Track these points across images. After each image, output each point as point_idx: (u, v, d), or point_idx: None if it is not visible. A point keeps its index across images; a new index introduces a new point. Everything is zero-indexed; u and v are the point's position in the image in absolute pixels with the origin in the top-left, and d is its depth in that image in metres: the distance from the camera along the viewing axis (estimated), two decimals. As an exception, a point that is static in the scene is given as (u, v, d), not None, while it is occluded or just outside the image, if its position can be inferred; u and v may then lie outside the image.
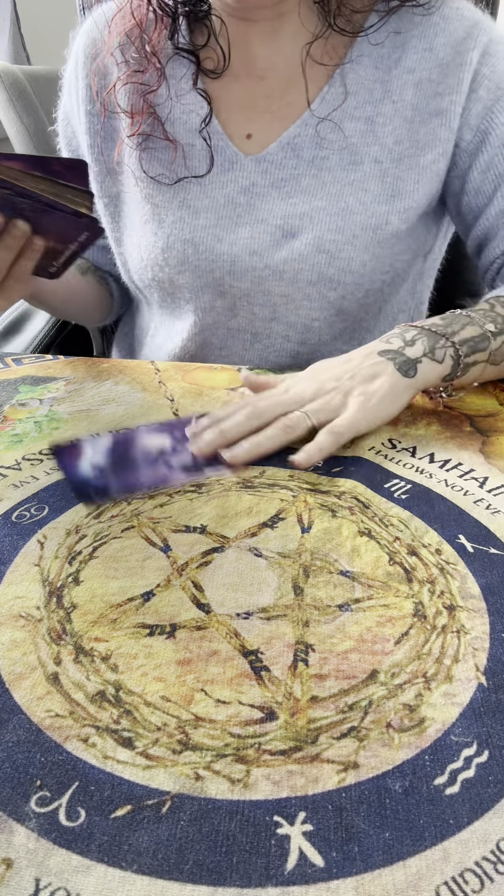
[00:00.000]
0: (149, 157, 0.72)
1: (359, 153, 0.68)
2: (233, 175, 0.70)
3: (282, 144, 0.69)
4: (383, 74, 0.67)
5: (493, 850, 0.28)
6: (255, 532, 0.45)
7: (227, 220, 0.70)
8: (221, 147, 0.70)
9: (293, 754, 0.32)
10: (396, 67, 0.67)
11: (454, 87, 0.66)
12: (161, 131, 0.70)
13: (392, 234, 0.69)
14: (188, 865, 0.27)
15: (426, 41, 0.66)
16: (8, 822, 0.29)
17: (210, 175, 0.70)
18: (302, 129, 0.68)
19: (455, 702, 0.34)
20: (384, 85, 0.67)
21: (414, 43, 0.66)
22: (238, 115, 0.70)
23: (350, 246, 0.68)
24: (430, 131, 0.67)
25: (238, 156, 0.69)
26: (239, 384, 0.65)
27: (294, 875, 0.27)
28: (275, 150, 0.69)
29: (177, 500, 0.49)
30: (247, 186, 0.69)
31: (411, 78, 0.67)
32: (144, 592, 0.41)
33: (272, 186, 0.69)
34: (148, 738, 0.32)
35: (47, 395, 0.63)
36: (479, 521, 0.47)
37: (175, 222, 0.71)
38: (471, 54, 0.65)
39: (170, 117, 0.70)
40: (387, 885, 0.27)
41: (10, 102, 1.11)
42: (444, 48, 0.66)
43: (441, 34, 0.66)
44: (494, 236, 0.71)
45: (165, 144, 0.71)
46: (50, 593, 0.40)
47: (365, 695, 0.34)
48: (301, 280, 0.70)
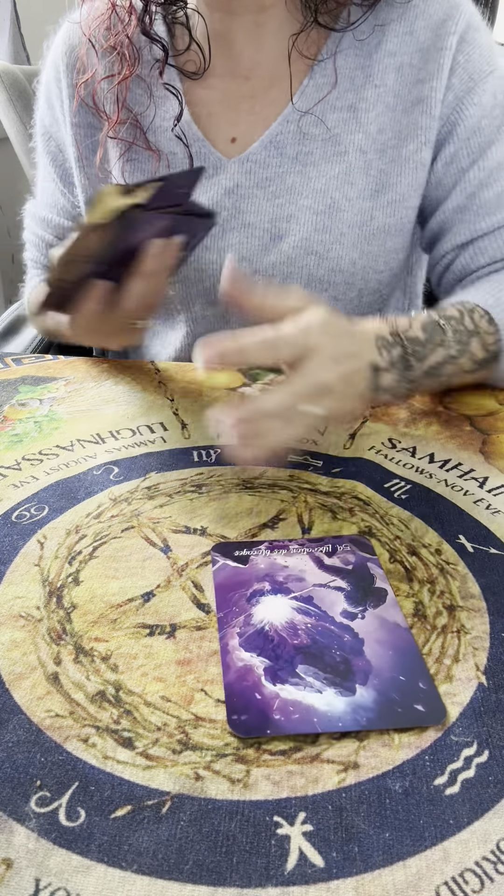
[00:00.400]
0: (132, 168, 0.71)
1: (342, 142, 0.67)
2: (216, 179, 0.69)
3: (264, 143, 0.68)
4: (364, 60, 0.66)
5: (493, 850, 0.28)
6: (256, 533, 0.45)
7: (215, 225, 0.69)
8: (204, 153, 0.69)
9: (293, 754, 0.32)
10: (377, 52, 0.66)
11: (434, 73, 0.65)
12: (143, 140, 0.69)
13: (379, 229, 0.68)
14: (188, 865, 0.27)
15: (406, 24, 0.65)
16: (8, 822, 0.29)
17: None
18: (284, 126, 0.67)
19: (455, 702, 0.34)
20: (365, 70, 0.66)
21: (394, 27, 0.65)
22: (221, 119, 0.69)
23: (338, 245, 0.68)
24: (412, 120, 0.66)
25: (221, 160, 0.68)
26: (239, 383, 0.65)
27: (294, 875, 0.27)
28: (257, 150, 0.68)
29: (177, 501, 0.49)
30: (231, 188, 0.69)
31: (392, 62, 0.65)
32: (144, 592, 0.41)
33: (257, 187, 0.68)
34: (148, 738, 0.32)
35: (47, 395, 0.63)
36: (479, 521, 0.47)
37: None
38: (450, 39, 0.64)
39: (152, 126, 0.70)
40: (387, 885, 0.27)
41: (10, 102, 1.11)
42: (424, 31, 0.65)
43: (421, 17, 0.65)
44: (448, 231, 0.70)
45: (148, 155, 0.70)
46: (50, 593, 0.40)
47: (365, 695, 0.34)
48: (291, 283, 0.69)
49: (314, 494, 0.49)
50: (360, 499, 0.49)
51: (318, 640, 0.37)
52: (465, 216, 0.69)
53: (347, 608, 0.39)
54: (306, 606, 0.39)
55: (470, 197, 0.68)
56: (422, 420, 0.59)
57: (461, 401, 0.62)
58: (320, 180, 0.67)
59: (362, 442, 0.56)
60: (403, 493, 0.49)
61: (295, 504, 0.48)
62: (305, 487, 0.50)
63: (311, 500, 0.49)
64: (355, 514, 0.47)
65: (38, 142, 0.79)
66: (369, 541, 0.44)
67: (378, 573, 0.42)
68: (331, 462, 0.53)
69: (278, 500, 0.49)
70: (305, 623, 0.38)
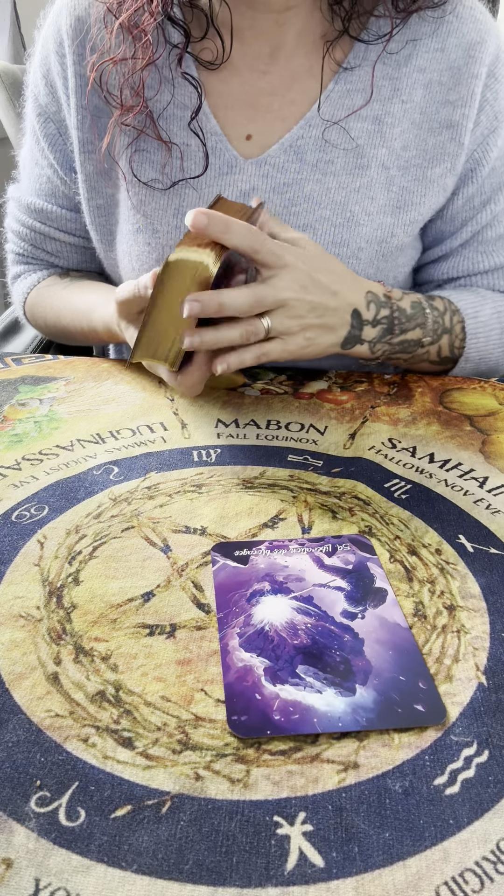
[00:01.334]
0: (140, 159, 0.66)
1: (365, 155, 0.65)
2: (231, 179, 0.66)
3: (284, 147, 0.65)
4: (392, 71, 0.65)
5: (493, 850, 0.28)
6: (256, 533, 0.45)
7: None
8: (219, 149, 0.66)
9: (293, 754, 0.32)
10: (406, 65, 0.65)
11: (466, 100, 0.64)
12: (153, 129, 0.65)
13: (396, 247, 0.68)
14: (188, 865, 0.27)
15: (438, 40, 0.64)
16: (8, 822, 0.29)
17: (207, 179, 0.66)
18: (306, 131, 0.65)
19: (455, 701, 0.34)
20: (393, 83, 0.65)
21: (425, 41, 0.64)
22: (237, 114, 0.67)
23: (355, 259, 0.67)
24: (440, 144, 0.66)
25: (237, 159, 0.66)
26: (240, 383, 0.65)
27: (294, 875, 0.27)
28: (276, 153, 0.65)
29: (177, 501, 0.49)
30: (247, 191, 0.66)
31: (421, 78, 0.65)
32: (144, 592, 0.41)
33: (274, 192, 0.66)
34: (148, 738, 0.32)
35: (47, 395, 0.63)
36: (479, 521, 0.47)
37: (170, 232, 0.67)
38: (481, 68, 0.64)
39: (164, 115, 0.66)
40: (387, 885, 0.27)
41: (10, 102, 1.11)
42: (455, 50, 0.64)
43: (454, 34, 0.64)
44: (445, 261, 0.72)
45: (158, 145, 0.66)
46: (50, 593, 0.40)
47: (365, 695, 0.34)
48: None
49: (314, 494, 0.49)
50: (360, 499, 0.49)
51: (318, 640, 0.37)
52: (465, 251, 0.71)
53: (347, 608, 0.39)
54: (306, 606, 0.39)
55: (474, 234, 0.70)
56: (422, 420, 0.59)
57: (461, 401, 0.62)
58: (340, 192, 0.66)
59: (362, 442, 0.56)
60: (403, 493, 0.49)
61: (295, 504, 0.48)
62: (305, 487, 0.50)
63: (311, 500, 0.49)
64: (355, 513, 0.47)
65: (30, 121, 0.73)
66: (369, 540, 0.44)
67: (378, 573, 0.42)
68: (331, 462, 0.53)
69: (278, 500, 0.49)
70: (305, 623, 0.38)
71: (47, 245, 0.77)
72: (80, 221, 0.74)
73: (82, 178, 0.71)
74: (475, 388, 0.65)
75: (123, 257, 0.72)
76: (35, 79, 0.71)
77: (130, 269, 0.71)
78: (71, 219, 0.74)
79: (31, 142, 0.74)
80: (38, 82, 0.71)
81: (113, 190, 0.70)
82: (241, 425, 0.58)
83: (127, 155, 0.67)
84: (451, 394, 0.64)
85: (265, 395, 0.63)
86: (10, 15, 1.92)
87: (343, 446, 0.55)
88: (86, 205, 0.72)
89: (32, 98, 0.72)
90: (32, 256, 0.79)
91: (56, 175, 0.73)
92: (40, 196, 0.75)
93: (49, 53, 0.69)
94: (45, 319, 0.77)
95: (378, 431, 0.57)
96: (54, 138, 0.71)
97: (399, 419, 0.59)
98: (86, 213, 0.72)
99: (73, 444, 0.55)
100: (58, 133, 0.71)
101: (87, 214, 0.73)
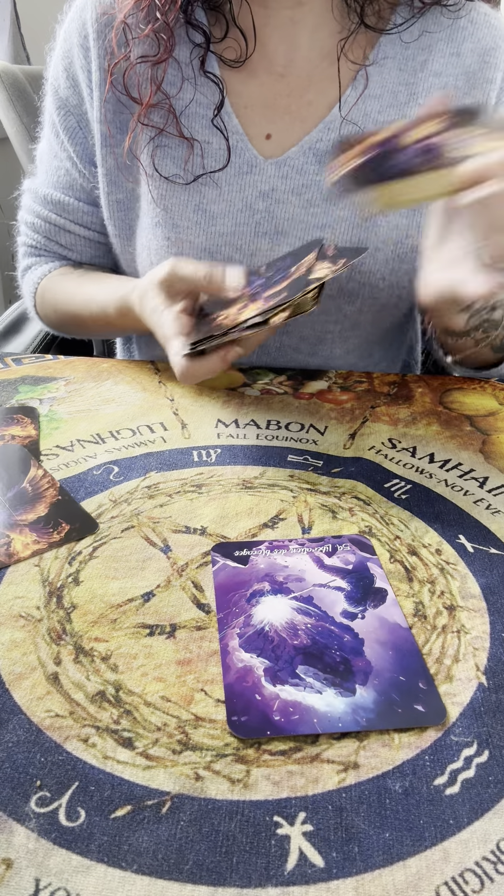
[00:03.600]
0: (162, 154, 0.67)
1: None
2: (251, 179, 0.67)
3: (303, 148, 0.66)
4: (409, 77, 0.65)
5: (493, 850, 0.28)
6: (256, 533, 0.45)
7: (245, 227, 0.68)
8: (240, 148, 0.67)
9: (293, 754, 0.32)
10: (422, 70, 0.65)
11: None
12: (175, 125, 0.66)
13: (411, 248, 0.68)
14: (188, 865, 0.27)
15: (454, 45, 0.65)
16: (8, 822, 0.29)
17: (227, 178, 0.67)
18: (325, 134, 0.66)
19: (455, 702, 0.34)
20: (409, 88, 0.65)
21: (441, 46, 0.65)
22: (257, 114, 0.68)
23: (371, 259, 0.67)
24: None
25: (257, 158, 0.67)
26: (240, 383, 0.65)
27: (294, 875, 0.27)
28: (296, 155, 0.66)
29: (177, 501, 0.49)
30: (266, 192, 0.67)
31: (437, 82, 0.65)
32: (144, 593, 0.41)
33: (293, 193, 0.67)
34: (148, 739, 0.32)
35: (47, 395, 0.63)
36: (479, 521, 0.47)
37: (190, 227, 0.68)
38: (497, 74, 0.64)
39: (186, 112, 0.66)
40: (387, 885, 0.27)
41: (10, 102, 1.11)
42: (471, 55, 0.65)
43: (469, 39, 0.65)
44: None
45: (180, 142, 0.67)
46: (50, 593, 0.40)
47: (365, 695, 0.34)
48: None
49: (314, 494, 0.49)
50: (360, 499, 0.49)
51: (318, 641, 0.37)
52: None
53: (347, 608, 0.39)
54: (306, 606, 0.39)
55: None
56: (422, 420, 0.59)
57: (461, 401, 0.62)
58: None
59: (362, 442, 0.56)
60: (403, 493, 0.49)
61: (295, 504, 0.48)
62: (305, 487, 0.50)
63: (311, 500, 0.49)
64: (355, 514, 0.47)
65: (49, 114, 0.73)
66: (369, 541, 0.44)
67: (378, 573, 0.42)
68: (331, 462, 0.53)
69: (278, 500, 0.49)
70: (305, 623, 0.38)
71: (62, 238, 0.76)
72: (96, 215, 0.74)
73: (103, 172, 0.71)
74: (475, 388, 0.65)
75: (142, 251, 0.72)
76: (56, 72, 0.71)
77: (149, 264, 0.71)
78: (88, 212, 0.74)
79: (51, 134, 0.74)
80: (59, 75, 0.71)
81: (133, 185, 0.70)
82: (241, 425, 0.58)
83: (149, 150, 0.67)
84: (451, 394, 0.64)
85: (265, 395, 0.63)
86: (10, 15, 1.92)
87: (343, 446, 0.55)
88: (105, 199, 0.72)
89: (52, 91, 0.72)
90: (45, 249, 0.78)
91: (75, 168, 0.73)
92: (58, 188, 0.74)
93: (72, 46, 0.69)
94: (56, 306, 0.77)
95: (378, 431, 0.57)
96: (74, 131, 0.71)
97: (399, 419, 0.59)
98: (104, 207, 0.73)
99: (73, 445, 0.55)
100: (78, 126, 0.71)
101: (105, 209, 0.73)
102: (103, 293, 0.69)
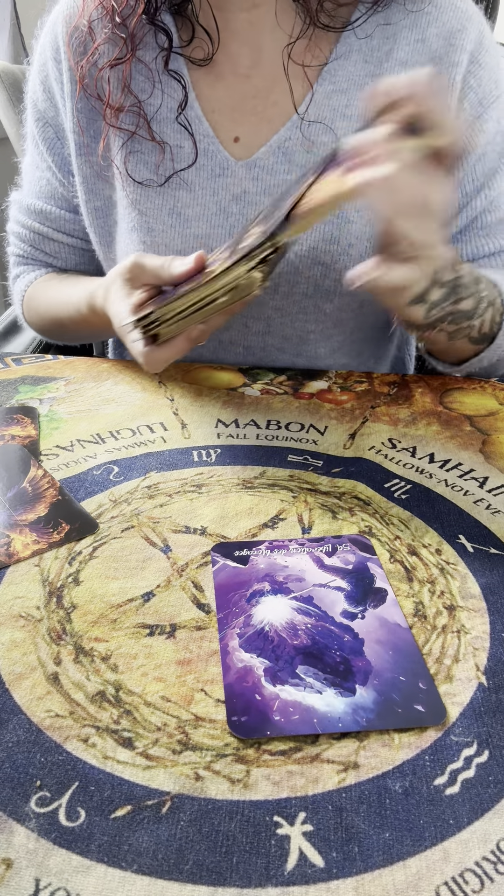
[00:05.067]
0: (135, 159, 0.68)
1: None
2: (224, 182, 0.67)
3: (272, 149, 0.66)
4: (374, 68, 0.65)
5: (493, 850, 0.28)
6: (256, 533, 0.45)
7: (220, 229, 0.68)
8: (212, 151, 0.67)
9: (293, 754, 0.32)
10: (388, 60, 0.64)
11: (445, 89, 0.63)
12: (146, 130, 0.67)
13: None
14: (188, 865, 0.27)
15: (418, 31, 0.64)
16: (8, 822, 0.29)
17: (201, 181, 0.67)
18: (292, 133, 0.66)
19: (455, 702, 0.34)
20: (376, 79, 0.64)
21: (405, 34, 0.64)
22: (225, 117, 0.68)
23: (346, 256, 0.66)
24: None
25: (229, 160, 0.67)
26: (240, 383, 0.65)
27: (294, 875, 0.27)
28: (265, 155, 0.66)
29: (177, 501, 0.49)
30: (238, 194, 0.67)
31: (403, 71, 0.63)
32: (144, 592, 0.41)
33: (264, 194, 0.67)
34: (148, 739, 0.32)
35: (47, 395, 0.63)
36: (479, 521, 0.47)
37: (165, 231, 0.68)
38: (462, 55, 0.63)
39: (157, 116, 0.67)
40: (387, 885, 0.27)
41: (10, 102, 1.11)
42: (436, 39, 0.64)
43: (434, 24, 0.64)
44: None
45: (153, 146, 0.67)
46: (50, 593, 0.40)
47: (365, 695, 0.34)
48: (296, 293, 0.68)
49: (314, 494, 0.49)
50: (360, 499, 0.49)
51: (318, 641, 0.37)
52: (466, 236, 0.69)
53: (347, 608, 0.39)
54: (306, 606, 0.39)
55: (473, 220, 0.69)
56: (422, 420, 0.59)
57: (461, 401, 0.62)
58: None
59: (362, 442, 0.56)
60: (403, 493, 0.49)
61: (295, 504, 0.48)
62: (305, 487, 0.50)
63: (311, 500, 0.49)
64: (355, 514, 0.47)
65: (29, 127, 0.75)
66: (369, 541, 0.44)
67: (378, 573, 0.42)
68: (331, 462, 0.53)
69: (278, 500, 0.49)
70: (305, 623, 0.38)
71: (46, 246, 0.78)
72: (78, 223, 0.76)
73: (80, 181, 0.72)
74: (475, 388, 0.65)
75: (122, 256, 0.72)
76: (34, 85, 0.73)
77: None
78: (70, 220, 0.76)
79: (32, 147, 0.76)
80: (36, 88, 0.73)
81: (110, 191, 0.72)
82: (241, 425, 0.58)
83: (122, 155, 0.68)
84: (451, 394, 0.64)
85: (265, 395, 0.63)
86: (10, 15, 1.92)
87: (343, 446, 0.55)
88: (84, 207, 0.73)
89: (32, 104, 0.74)
90: (32, 257, 0.80)
91: (55, 178, 0.74)
92: (40, 198, 0.76)
93: (46, 60, 0.71)
94: (39, 311, 0.78)
95: (378, 431, 0.57)
96: (52, 142, 0.73)
97: (399, 419, 0.59)
98: (84, 214, 0.74)
99: (72, 445, 0.55)
100: (56, 137, 0.73)
101: (85, 216, 0.74)
102: (77, 293, 0.71)
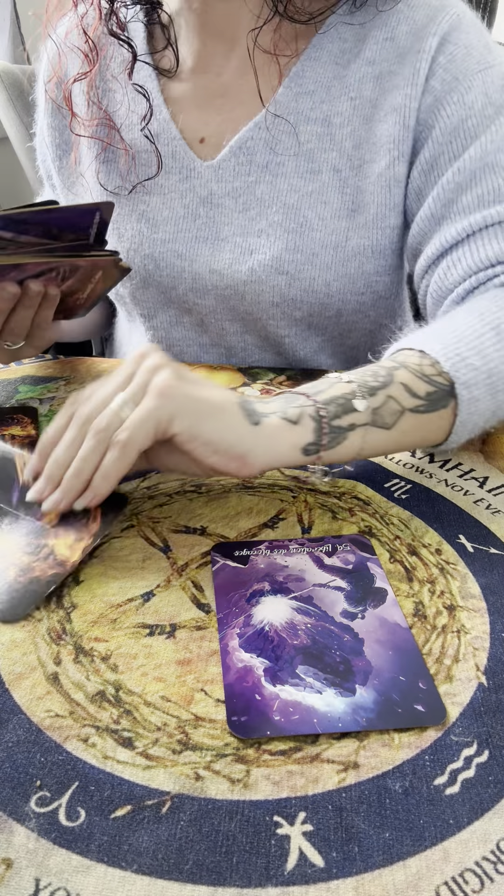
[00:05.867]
0: (106, 169, 0.69)
1: (316, 160, 0.63)
2: (191, 184, 0.67)
3: (233, 149, 0.65)
4: (342, 70, 0.62)
5: (493, 850, 0.28)
6: (256, 533, 0.45)
7: (187, 233, 0.67)
8: (179, 154, 0.66)
9: (293, 754, 0.32)
10: (356, 60, 0.62)
11: (409, 79, 0.59)
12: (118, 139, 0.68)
13: (354, 251, 0.64)
14: (188, 865, 0.27)
15: (388, 30, 0.61)
16: (8, 822, 0.29)
17: (170, 184, 0.67)
18: (255, 132, 0.64)
19: (455, 702, 0.34)
20: (342, 80, 0.62)
21: (375, 33, 0.61)
22: (193, 118, 0.67)
23: (310, 266, 0.64)
24: (387, 132, 0.61)
25: (195, 162, 0.66)
26: (240, 383, 0.65)
27: (294, 875, 0.27)
28: (227, 156, 0.65)
29: (177, 501, 0.49)
30: (205, 197, 0.66)
31: (371, 71, 0.61)
32: (144, 592, 0.41)
33: (228, 196, 0.66)
34: (148, 738, 0.32)
35: (47, 395, 0.63)
36: (479, 521, 0.47)
37: (134, 236, 0.68)
38: (430, 41, 0.59)
39: (128, 125, 0.68)
40: (387, 885, 0.27)
41: (10, 102, 1.11)
42: (406, 37, 0.60)
43: (405, 22, 0.60)
44: (425, 244, 0.62)
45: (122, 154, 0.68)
46: (50, 593, 0.40)
47: (365, 695, 0.34)
48: (263, 301, 0.67)
49: (314, 494, 0.49)
50: (360, 499, 0.49)
51: (318, 641, 0.37)
52: (440, 226, 0.61)
53: (347, 608, 0.39)
54: (306, 606, 0.39)
55: (447, 205, 0.60)
56: (422, 420, 0.59)
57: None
58: (292, 196, 0.64)
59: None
60: (403, 493, 0.49)
61: (295, 504, 0.48)
62: (305, 487, 0.50)
63: (311, 500, 0.49)
64: (355, 514, 0.47)
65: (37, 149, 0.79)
66: (369, 541, 0.44)
67: (378, 573, 0.42)
68: (331, 462, 0.53)
69: (278, 500, 0.49)
70: (305, 623, 0.38)
71: None
72: None
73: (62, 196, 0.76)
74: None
75: None
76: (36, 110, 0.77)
77: None
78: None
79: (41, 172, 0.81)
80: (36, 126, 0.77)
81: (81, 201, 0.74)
82: (241, 425, 0.58)
83: (94, 167, 0.70)
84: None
85: (265, 395, 0.63)
86: (10, 15, 1.92)
87: (343, 446, 0.55)
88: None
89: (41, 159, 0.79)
90: None
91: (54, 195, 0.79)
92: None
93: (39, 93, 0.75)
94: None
95: (378, 431, 0.57)
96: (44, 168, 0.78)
97: (399, 419, 0.59)
98: None
99: (73, 444, 0.55)
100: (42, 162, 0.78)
101: None
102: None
